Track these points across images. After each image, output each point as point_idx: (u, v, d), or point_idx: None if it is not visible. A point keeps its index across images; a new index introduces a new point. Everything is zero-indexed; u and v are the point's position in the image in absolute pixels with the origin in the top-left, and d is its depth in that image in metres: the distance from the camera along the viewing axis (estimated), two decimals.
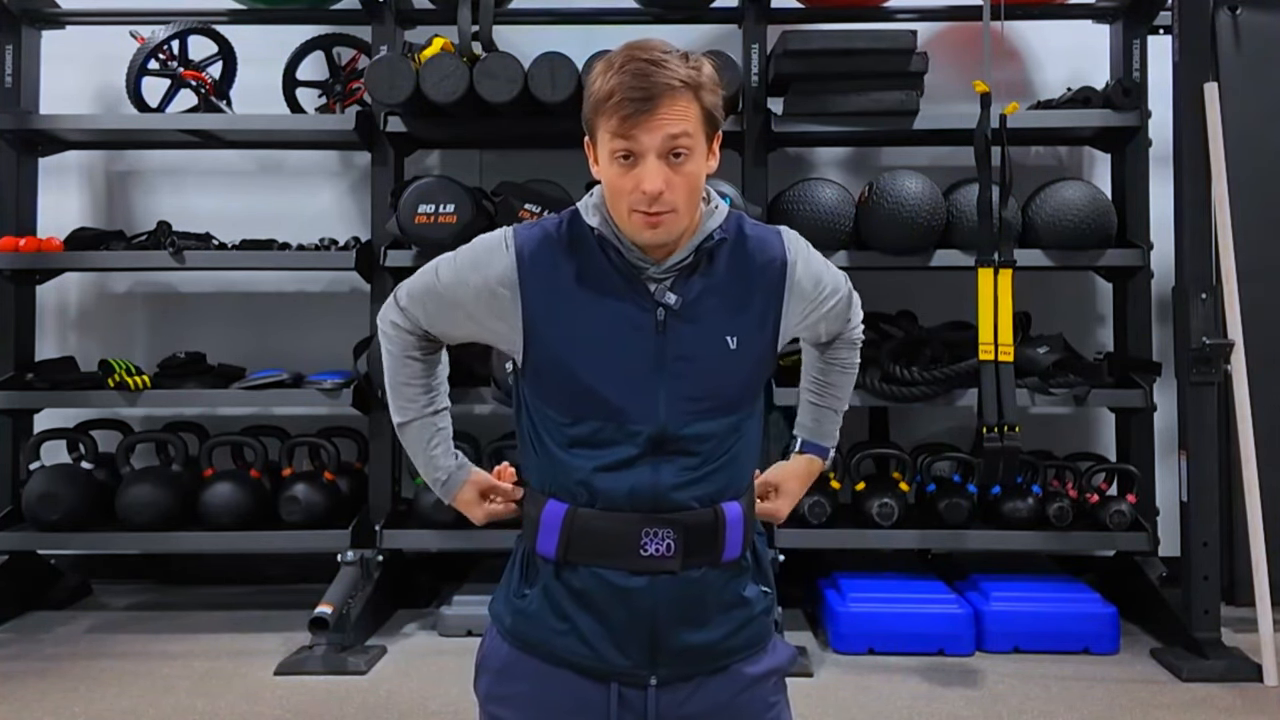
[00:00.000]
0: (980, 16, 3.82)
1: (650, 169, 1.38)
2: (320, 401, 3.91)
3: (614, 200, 1.44)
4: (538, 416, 1.50)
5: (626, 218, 1.42)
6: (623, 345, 1.45)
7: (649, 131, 1.38)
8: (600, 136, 1.43)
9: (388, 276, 4.01)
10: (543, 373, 1.48)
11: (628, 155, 1.39)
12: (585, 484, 1.46)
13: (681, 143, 1.40)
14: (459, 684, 3.34)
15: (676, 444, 1.46)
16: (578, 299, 1.46)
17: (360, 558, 3.67)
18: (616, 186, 1.42)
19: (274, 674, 3.40)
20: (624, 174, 1.40)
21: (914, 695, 3.26)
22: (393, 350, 1.62)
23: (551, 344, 1.47)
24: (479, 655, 1.60)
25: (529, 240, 1.49)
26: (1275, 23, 4.24)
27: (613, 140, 1.40)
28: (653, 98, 1.37)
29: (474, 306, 1.52)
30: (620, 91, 1.38)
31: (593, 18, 4.30)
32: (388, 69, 3.77)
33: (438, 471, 1.66)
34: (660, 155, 1.39)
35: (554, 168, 4.06)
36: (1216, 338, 3.52)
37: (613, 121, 1.39)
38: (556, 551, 1.47)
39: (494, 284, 1.48)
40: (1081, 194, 3.93)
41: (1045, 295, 4.23)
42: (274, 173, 4.57)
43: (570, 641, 1.48)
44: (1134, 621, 3.84)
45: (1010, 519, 3.81)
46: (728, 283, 1.50)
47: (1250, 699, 3.23)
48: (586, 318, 1.46)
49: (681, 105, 1.39)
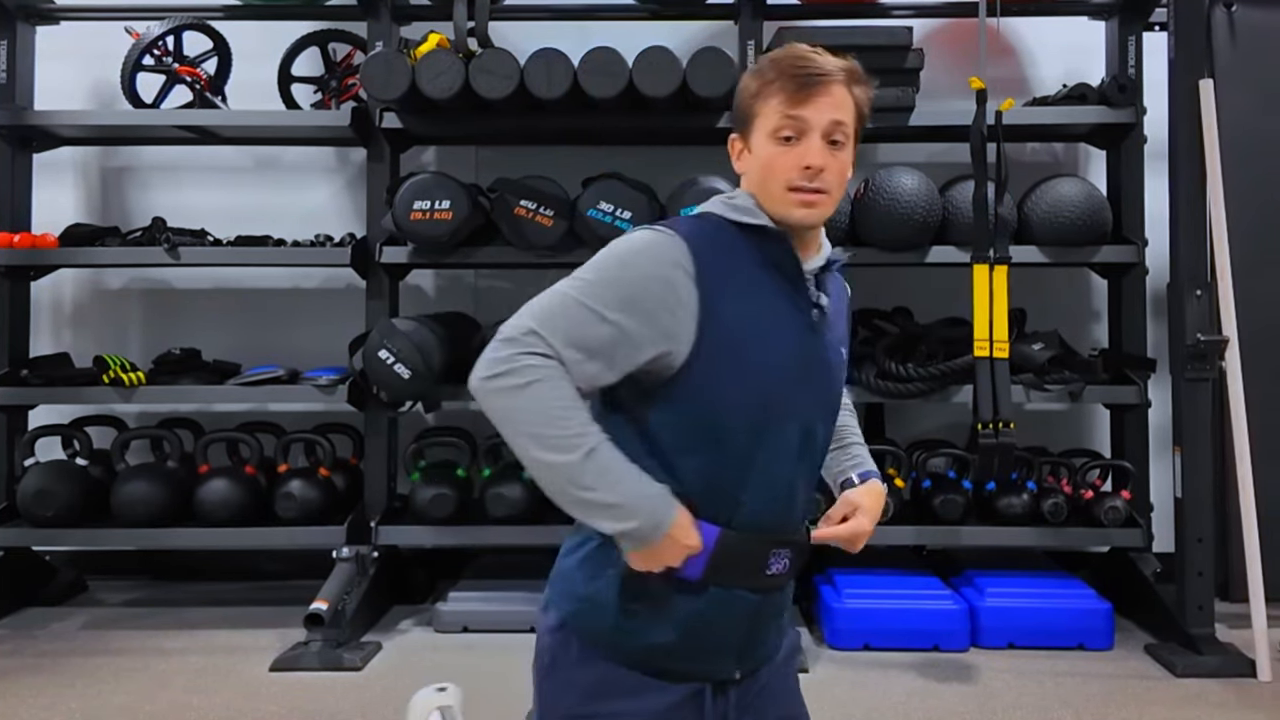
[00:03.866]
0: (976, 13, 3.83)
1: (815, 145, 1.43)
2: (316, 398, 3.90)
3: (768, 180, 1.45)
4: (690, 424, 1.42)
5: (780, 196, 1.45)
6: (786, 340, 1.47)
7: (817, 110, 1.43)
8: (761, 120, 1.46)
9: (383, 273, 4.01)
10: (716, 369, 1.41)
11: (791, 134, 1.43)
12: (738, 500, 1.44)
13: (841, 130, 1.45)
14: (455, 679, 3.32)
15: (812, 449, 1.52)
16: (749, 292, 1.44)
17: (356, 554, 3.66)
18: (776, 164, 1.44)
19: (269, 670, 3.40)
20: (785, 152, 1.44)
21: (909, 691, 3.26)
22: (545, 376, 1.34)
23: (730, 337, 1.42)
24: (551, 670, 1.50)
25: (690, 230, 1.44)
26: (1270, 19, 4.24)
27: (778, 119, 1.43)
28: (823, 77, 1.43)
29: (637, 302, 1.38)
30: (790, 71, 1.43)
31: (588, 14, 4.31)
32: (383, 65, 3.77)
33: (653, 488, 1.38)
34: (822, 137, 1.44)
35: (550, 164, 4.05)
36: (1211, 334, 3.53)
37: (779, 99, 1.43)
38: (703, 574, 1.44)
39: (669, 269, 1.39)
40: (1077, 190, 3.94)
41: (1040, 292, 4.23)
42: (269, 169, 4.56)
43: (679, 656, 1.47)
44: (1129, 617, 3.85)
45: (1005, 515, 3.82)
46: (835, 299, 1.57)
47: (1244, 694, 3.24)
48: (758, 311, 1.45)
49: (843, 95, 1.45)
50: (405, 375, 3.71)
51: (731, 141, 1.52)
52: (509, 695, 3.20)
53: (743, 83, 1.50)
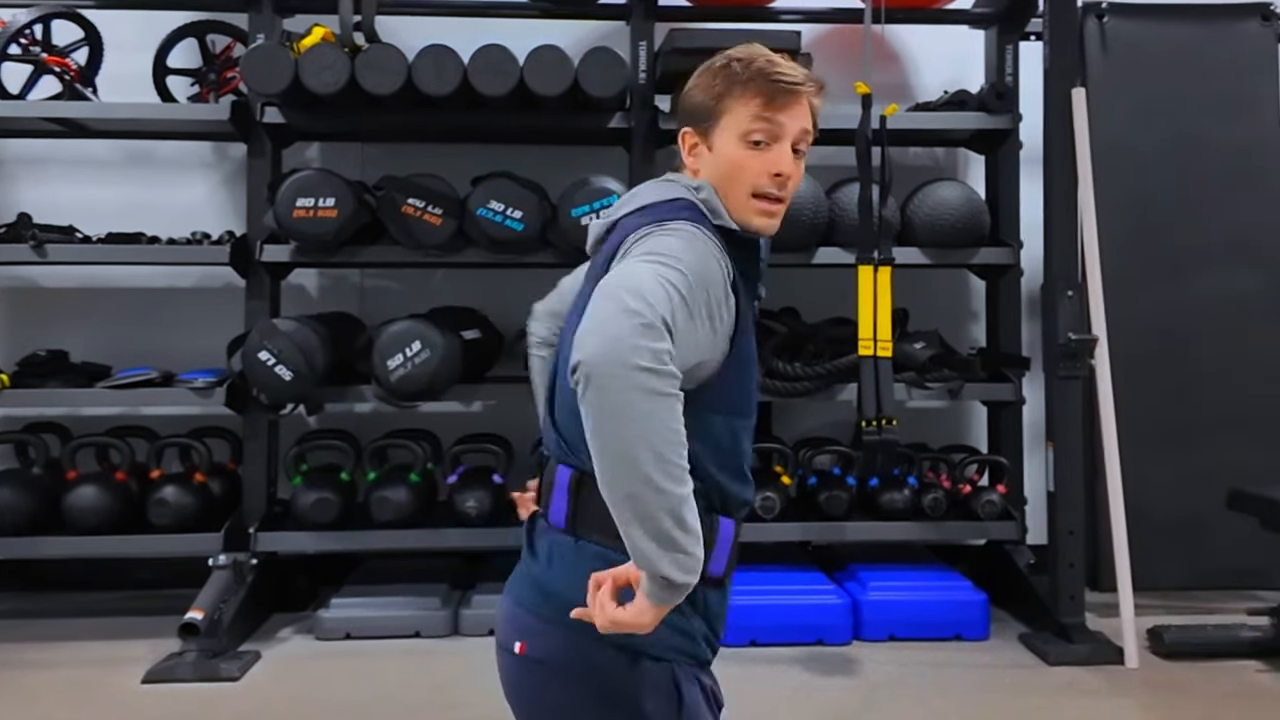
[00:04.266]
0: (862, 20, 3.91)
1: (785, 153, 1.42)
2: (191, 401, 3.78)
3: (733, 184, 1.44)
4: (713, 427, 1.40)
5: (744, 201, 1.43)
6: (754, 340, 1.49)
7: (792, 117, 1.42)
8: (728, 120, 1.43)
9: (264, 272, 3.91)
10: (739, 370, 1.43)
11: (762, 139, 1.42)
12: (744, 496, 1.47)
13: (805, 140, 1.46)
14: (337, 688, 3.27)
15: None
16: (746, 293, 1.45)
17: (233, 561, 3.56)
18: (743, 168, 1.43)
19: (142, 682, 3.30)
20: (755, 156, 1.42)
21: (795, 685, 3.31)
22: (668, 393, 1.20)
23: (746, 337, 1.44)
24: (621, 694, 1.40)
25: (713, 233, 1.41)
26: (1139, 30, 4.43)
27: (753, 121, 1.42)
28: (799, 86, 1.42)
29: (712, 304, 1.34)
30: (767, 75, 1.41)
31: (479, 10, 4.27)
32: (265, 58, 3.67)
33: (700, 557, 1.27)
34: (790, 145, 1.44)
35: (439, 162, 3.99)
36: (1082, 334, 3.65)
37: (755, 103, 1.41)
38: (724, 570, 1.46)
39: (726, 282, 1.38)
40: (957, 194, 4.05)
41: (922, 292, 4.32)
42: (143, 164, 4.40)
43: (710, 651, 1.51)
44: (1004, 608, 3.96)
45: (888, 510, 3.90)
46: None
47: (1114, 681, 3.36)
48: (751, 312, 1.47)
49: (810, 106, 1.46)
50: (287, 377, 3.62)
51: (683, 135, 1.49)
52: (392, 702, 3.17)
53: (704, 78, 1.47)
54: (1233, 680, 3.35)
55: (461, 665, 3.40)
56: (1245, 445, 4.25)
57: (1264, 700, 3.21)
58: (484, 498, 3.74)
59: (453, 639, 3.68)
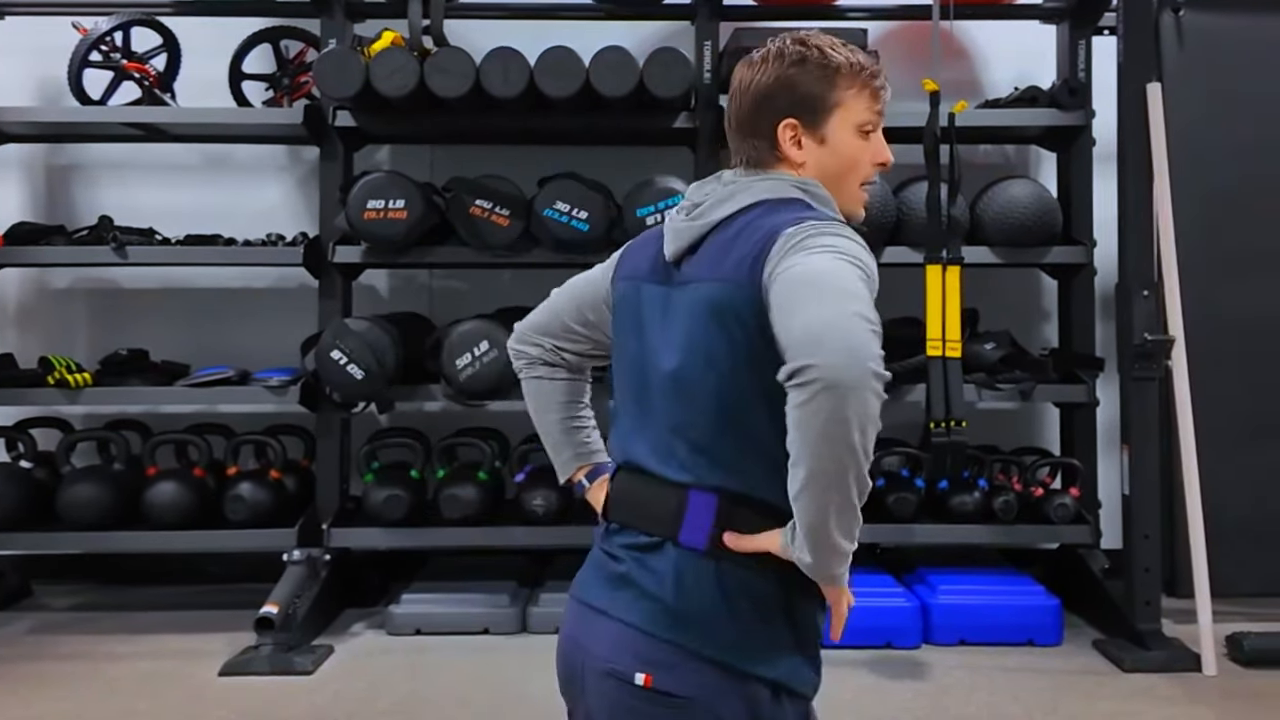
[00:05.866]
0: (929, 16, 3.87)
1: (884, 142, 1.46)
2: (266, 399, 3.86)
3: (851, 173, 1.45)
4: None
5: (856, 192, 1.46)
6: None
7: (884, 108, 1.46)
8: (844, 112, 1.43)
9: (336, 273, 3.97)
10: None
11: (871, 130, 1.45)
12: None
13: None
14: (407, 682, 3.32)
15: None
16: None
17: (307, 556, 3.63)
18: (859, 159, 1.45)
19: (219, 674, 3.36)
20: (866, 147, 1.45)
21: (861, 688, 3.28)
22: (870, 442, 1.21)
23: None
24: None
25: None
26: (1216, 23, 4.31)
27: (868, 113, 1.44)
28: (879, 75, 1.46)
29: None
30: (871, 69, 1.44)
31: (545, 13, 4.30)
32: (337, 62, 3.74)
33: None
34: None
35: (505, 164, 4.03)
36: (1158, 334, 3.58)
37: (866, 93, 1.43)
38: None
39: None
40: (1028, 192, 3.98)
41: (992, 291, 4.27)
42: (219, 167, 4.51)
43: None
44: (1077, 613, 3.90)
45: (957, 513, 3.86)
46: None
47: (1190, 689, 3.29)
48: None
49: None
50: (358, 376, 3.68)
51: (786, 126, 1.42)
52: (461, 698, 3.21)
53: (804, 69, 1.42)
54: None
55: (530, 662, 3.42)
56: None
57: None
58: (551, 497, 3.77)
59: (521, 636, 3.72)
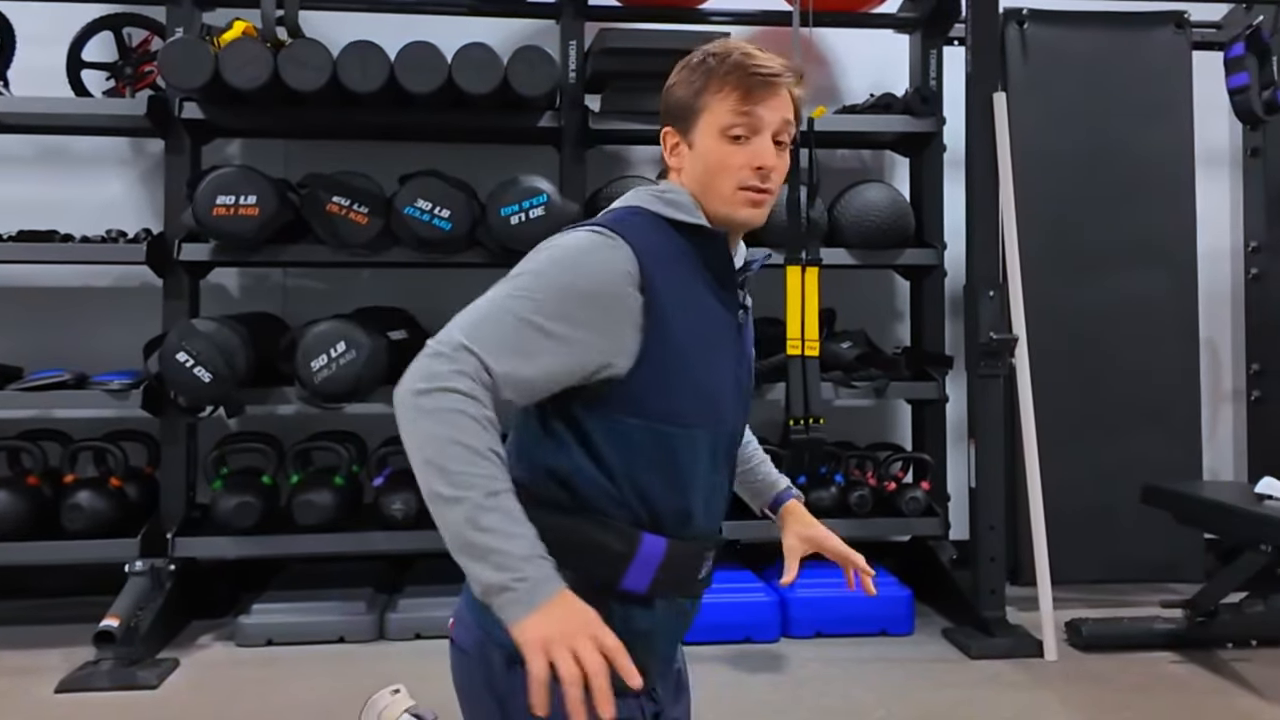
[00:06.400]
0: (790, 22, 3.95)
1: (767, 145, 1.42)
2: (106, 403, 3.69)
3: (716, 179, 1.41)
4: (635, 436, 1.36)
5: (730, 195, 1.41)
6: (722, 343, 1.44)
7: (771, 109, 1.41)
8: (707, 116, 1.42)
9: (182, 271, 3.83)
10: (661, 376, 1.36)
11: (742, 133, 1.41)
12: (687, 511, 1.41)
13: (787, 131, 1.44)
14: (258, 695, 3.21)
15: (735, 449, 1.50)
16: (690, 295, 1.40)
17: (150, 567, 3.48)
18: (725, 164, 1.41)
19: (55, 691, 3.21)
20: (736, 151, 1.41)
21: (720, 683, 3.32)
22: (467, 408, 1.23)
23: (675, 342, 1.37)
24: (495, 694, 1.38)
25: (634, 234, 1.38)
26: (1058, 36, 4.53)
27: (731, 116, 1.40)
28: (775, 78, 1.42)
29: (583, 317, 1.31)
30: (744, 69, 1.41)
31: (407, 7, 4.22)
32: (184, 51, 3.60)
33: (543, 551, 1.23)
34: (772, 137, 1.43)
35: (365, 160, 3.95)
36: (1002, 333, 3.73)
37: (733, 97, 1.41)
38: (649, 588, 1.40)
39: (616, 279, 1.34)
40: (883, 196, 4.10)
41: (849, 292, 4.37)
42: (56, 159, 4.29)
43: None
44: (928, 603, 4.03)
45: (815, 508, 3.89)
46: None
47: (1033, 674, 3.43)
48: (699, 314, 1.41)
49: (790, 97, 1.44)
50: (206, 378, 3.54)
51: (665, 135, 1.47)
52: (315, 710, 3.12)
53: (681, 76, 1.46)
54: (1147, 671, 3.44)
55: (388, 670, 3.34)
56: (1155, 440, 4.37)
57: (1177, 690, 3.30)
58: (411, 500, 3.69)
59: (378, 644, 3.64)
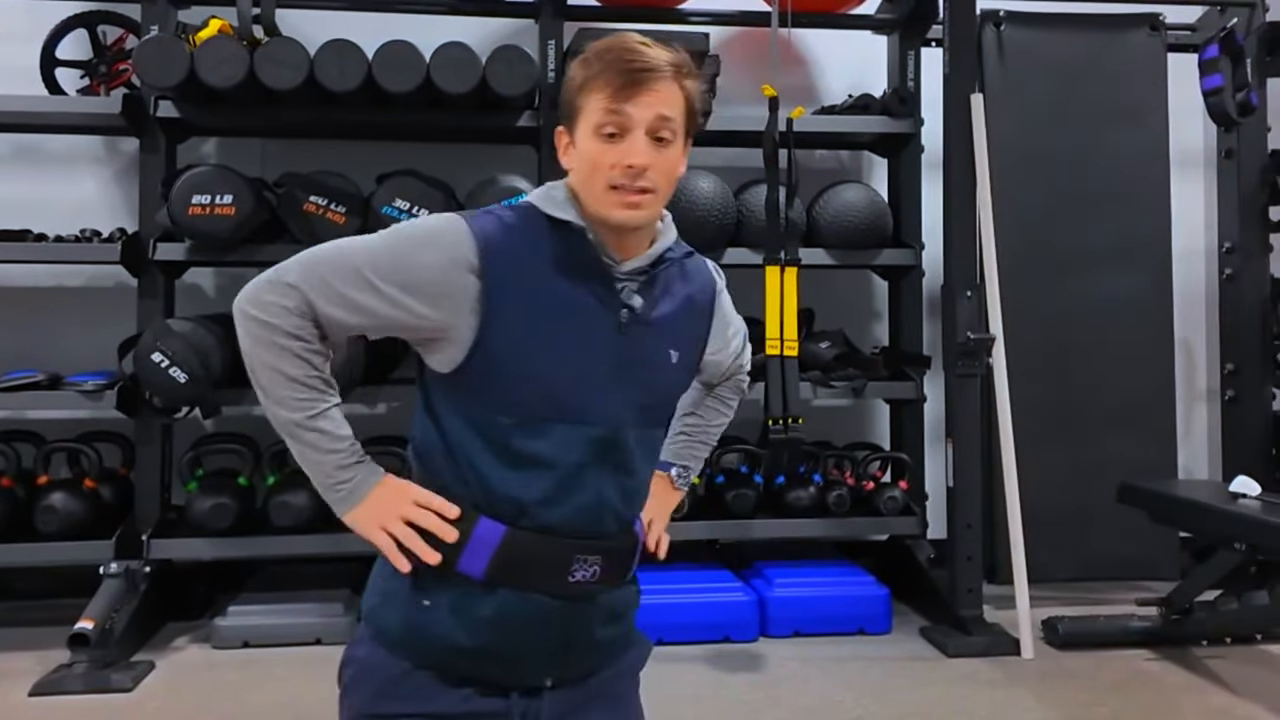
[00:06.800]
0: (769, 23, 3.95)
1: (638, 143, 1.39)
2: (80, 404, 3.64)
3: (590, 179, 1.40)
4: (473, 420, 1.40)
5: (602, 195, 1.40)
6: (585, 341, 1.42)
7: (640, 107, 1.38)
8: (584, 115, 1.41)
9: (157, 271, 3.79)
10: (498, 365, 1.38)
11: (614, 131, 1.39)
12: (522, 502, 1.40)
13: (668, 126, 1.41)
14: (234, 697, 3.19)
15: (620, 454, 1.45)
16: (543, 289, 1.40)
17: (125, 569, 3.45)
18: (597, 162, 1.39)
19: (29, 695, 3.18)
20: (608, 150, 1.39)
21: (700, 683, 3.32)
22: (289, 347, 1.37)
23: (514, 333, 1.38)
24: (350, 668, 1.47)
25: (486, 223, 1.41)
26: (1034, 38, 4.55)
27: (601, 114, 1.39)
28: (648, 73, 1.38)
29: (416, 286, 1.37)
30: (616, 65, 1.38)
31: (385, 5, 4.20)
32: (159, 49, 3.57)
33: (353, 456, 1.42)
34: (647, 134, 1.39)
35: (342, 159, 3.93)
36: (980, 333, 3.74)
37: (603, 95, 1.38)
38: (485, 573, 1.40)
39: (451, 262, 1.37)
40: (861, 196, 4.12)
41: (827, 292, 4.38)
42: (29, 158, 4.24)
43: (477, 660, 1.42)
44: (906, 602, 4.05)
45: (793, 507, 3.95)
46: (674, 298, 1.51)
47: (1010, 671, 3.45)
48: (551, 309, 1.40)
49: (671, 90, 1.41)
50: (181, 379, 3.51)
51: (558, 134, 1.46)
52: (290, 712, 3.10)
53: (570, 72, 1.44)
54: (1123, 669, 3.46)
55: None
56: (1131, 439, 4.39)
57: (1152, 687, 3.32)
58: None
59: None
